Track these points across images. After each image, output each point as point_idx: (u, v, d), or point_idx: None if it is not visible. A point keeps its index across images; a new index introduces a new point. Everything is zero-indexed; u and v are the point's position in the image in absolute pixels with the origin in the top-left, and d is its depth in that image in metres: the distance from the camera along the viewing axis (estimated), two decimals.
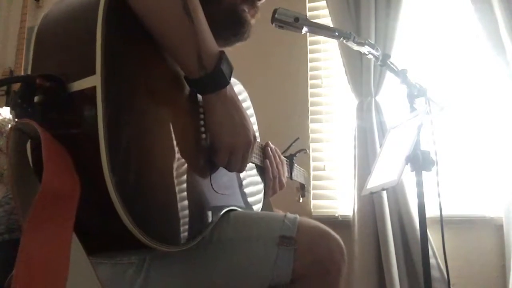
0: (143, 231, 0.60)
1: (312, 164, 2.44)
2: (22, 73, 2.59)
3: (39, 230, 0.49)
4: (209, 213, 0.80)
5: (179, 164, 0.72)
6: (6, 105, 2.58)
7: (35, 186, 0.55)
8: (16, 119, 0.60)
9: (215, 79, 0.75)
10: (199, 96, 0.81)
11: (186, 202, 0.72)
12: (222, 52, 0.76)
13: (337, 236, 0.89)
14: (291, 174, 1.41)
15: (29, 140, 0.61)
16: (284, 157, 1.36)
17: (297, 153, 1.45)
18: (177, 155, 0.72)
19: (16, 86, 0.64)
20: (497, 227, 2.08)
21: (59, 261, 0.48)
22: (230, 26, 0.97)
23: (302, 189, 1.62)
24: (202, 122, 0.81)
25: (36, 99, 0.61)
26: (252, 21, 1.03)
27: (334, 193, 2.43)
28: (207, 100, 0.78)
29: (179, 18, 0.69)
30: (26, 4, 2.88)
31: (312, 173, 2.42)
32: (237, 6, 0.98)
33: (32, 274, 0.46)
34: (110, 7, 0.63)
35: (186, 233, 0.71)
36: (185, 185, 0.73)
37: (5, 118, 2.23)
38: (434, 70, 2.27)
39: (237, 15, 0.98)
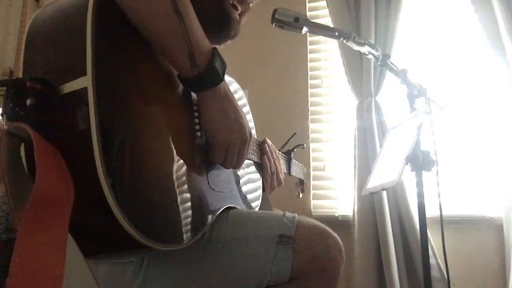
0: (140, 231, 0.60)
1: (312, 164, 2.44)
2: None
3: (33, 233, 0.48)
4: (207, 211, 0.80)
5: (175, 162, 0.72)
6: None
7: (30, 189, 0.55)
8: (8, 123, 0.60)
9: (209, 76, 0.74)
10: (193, 94, 0.80)
11: (182, 201, 0.72)
12: (215, 49, 0.76)
13: (335, 235, 0.89)
14: (289, 169, 1.40)
15: (23, 143, 0.60)
16: (282, 153, 1.35)
17: (294, 148, 1.44)
18: (172, 154, 0.71)
19: None
20: (497, 227, 2.08)
21: (54, 264, 0.48)
22: (216, 20, 0.95)
23: (301, 184, 1.61)
24: (196, 120, 0.81)
25: (28, 102, 0.60)
26: (244, 19, 1.02)
27: (334, 193, 2.42)
28: (201, 98, 0.78)
29: (169, 18, 0.68)
30: (26, 4, 2.88)
31: (312, 173, 2.42)
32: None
33: (26, 278, 0.46)
34: (99, 7, 0.62)
35: (183, 231, 0.70)
36: (181, 183, 0.72)
37: None
38: (434, 70, 2.27)
39: (224, 10, 0.96)
